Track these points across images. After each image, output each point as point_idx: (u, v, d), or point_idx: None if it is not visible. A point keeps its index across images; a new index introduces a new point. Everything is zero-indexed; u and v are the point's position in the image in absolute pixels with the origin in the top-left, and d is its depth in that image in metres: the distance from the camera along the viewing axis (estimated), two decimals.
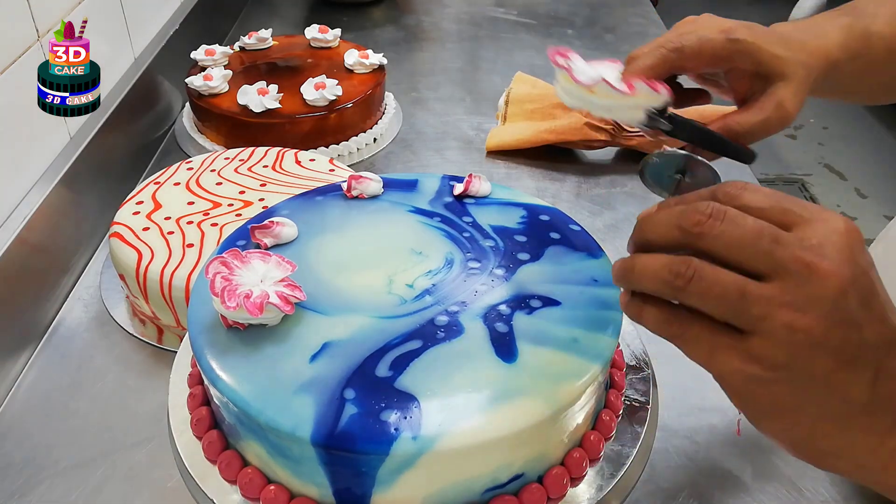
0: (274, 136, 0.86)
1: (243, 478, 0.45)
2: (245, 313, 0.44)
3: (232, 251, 0.47)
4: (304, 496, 0.44)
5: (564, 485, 0.46)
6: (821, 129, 2.73)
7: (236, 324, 0.46)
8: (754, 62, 0.47)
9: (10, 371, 0.63)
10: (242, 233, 0.55)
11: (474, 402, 0.42)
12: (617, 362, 0.54)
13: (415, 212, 0.57)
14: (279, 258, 0.48)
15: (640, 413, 0.52)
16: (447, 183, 0.60)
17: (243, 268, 0.47)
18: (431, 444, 0.40)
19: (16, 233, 0.64)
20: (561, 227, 0.56)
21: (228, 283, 0.45)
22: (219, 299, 0.45)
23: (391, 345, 0.45)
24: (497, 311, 0.48)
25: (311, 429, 0.40)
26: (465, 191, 0.58)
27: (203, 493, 0.46)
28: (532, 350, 0.45)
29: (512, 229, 0.55)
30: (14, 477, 0.56)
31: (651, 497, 0.54)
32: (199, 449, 0.48)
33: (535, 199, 0.59)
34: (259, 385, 0.43)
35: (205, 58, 0.94)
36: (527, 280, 0.50)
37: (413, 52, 1.22)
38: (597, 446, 0.48)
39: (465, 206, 0.58)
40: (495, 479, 0.43)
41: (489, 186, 0.59)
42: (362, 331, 0.46)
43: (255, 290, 0.45)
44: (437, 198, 0.59)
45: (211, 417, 0.49)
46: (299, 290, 0.47)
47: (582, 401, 0.44)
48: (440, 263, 0.52)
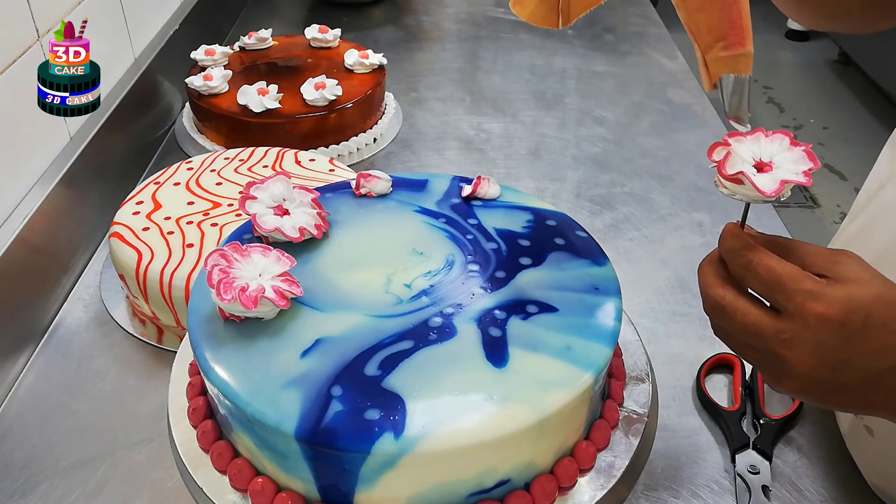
0: (274, 136, 0.86)
1: (233, 468, 0.46)
2: (240, 306, 0.45)
3: (233, 244, 0.48)
4: (290, 490, 0.44)
5: (552, 493, 0.45)
6: (821, 129, 2.73)
7: (233, 316, 0.47)
8: None
9: (10, 371, 0.63)
10: (248, 226, 0.55)
11: (460, 405, 0.42)
12: (616, 373, 0.54)
13: (421, 212, 0.57)
14: (280, 253, 0.48)
15: (636, 424, 0.51)
16: (457, 184, 0.60)
17: (243, 261, 0.47)
18: (413, 445, 0.40)
19: (16, 233, 0.64)
20: (566, 233, 0.55)
21: (226, 275, 0.45)
22: (214, 291, 0.45)
23: (382, 344, 0.45)
24: (492, 315, 0.48)
25: (296, 424, 0.41)
26: (472, 192, 0.58)
27: (203, 493, 0.46)
28: (524, 356, 0.45)
29: (516, 233, 0.55)
30: (14, 477, 0.56)
31: (651, 497, 0.54)
32: (194, 439, 0.48)
33: (544, 202, 0.59)
34: (249, 378, 0.43)
35: (205, 58, 0.94)
36: (526, 285, 0.50)
37: (413, 52, 1.22)
38: (589, 456, 0.48)
39: (472, 208, 0.57)
40: (480, 483, 0.43)
41: (498, 189, 0.59)
42: (355, 329, 0.46)
43: (251, 284, 0.45)
44: (445, 199, 0.58)
45: (207, 408, 0.49)
46: (296, 286, 0.47)
47: (572, 409, 0.44)
48: (440, 265, 0.52)
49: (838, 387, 0.41)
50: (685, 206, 0.86)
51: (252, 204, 0.53)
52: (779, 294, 0.41)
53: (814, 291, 0.40)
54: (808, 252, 0.43)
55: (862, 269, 0.41)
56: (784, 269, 0.41)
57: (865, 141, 2.55)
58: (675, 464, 0.57)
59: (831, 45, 3.19)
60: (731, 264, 0.43)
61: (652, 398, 0.54)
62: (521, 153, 0.95)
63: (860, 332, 0.39)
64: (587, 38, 1.27)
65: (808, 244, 0.44)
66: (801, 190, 2.46)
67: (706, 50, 0.45)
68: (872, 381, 0.40)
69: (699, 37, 0.46)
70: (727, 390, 0.63)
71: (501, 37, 1.27)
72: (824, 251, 0.43)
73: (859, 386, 0.41)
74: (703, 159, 0.91)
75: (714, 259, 0.45)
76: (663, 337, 0.68)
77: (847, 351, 0.40)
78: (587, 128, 1.01)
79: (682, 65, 1.19)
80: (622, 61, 1.20)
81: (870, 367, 0.40)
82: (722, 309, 0.43)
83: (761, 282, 0.41)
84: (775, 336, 0.41)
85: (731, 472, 0.56)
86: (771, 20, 3.35)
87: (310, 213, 0.53)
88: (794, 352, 0.40)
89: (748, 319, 0.42)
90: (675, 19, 0.52)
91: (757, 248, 0.42)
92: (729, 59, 0.45)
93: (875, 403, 0.42)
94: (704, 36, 0.45)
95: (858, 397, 0.42)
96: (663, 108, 1.06)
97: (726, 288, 0.43)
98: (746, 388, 0.62)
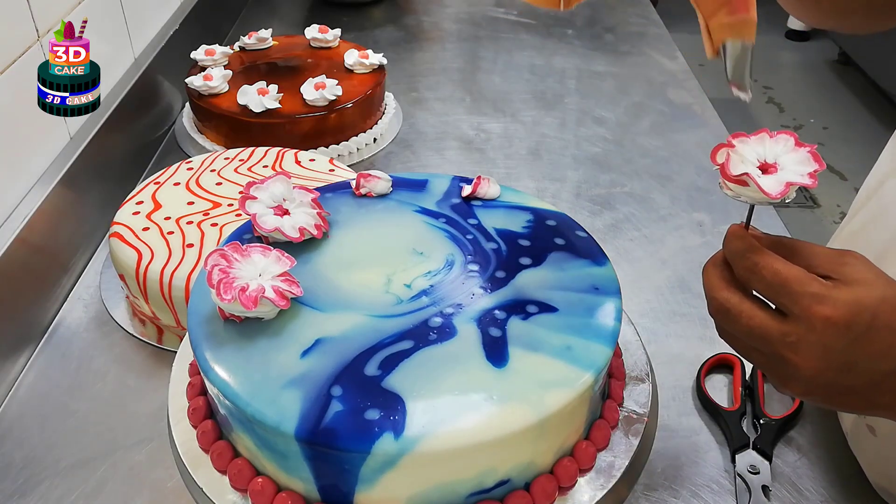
0: (274, 136, 0.86)
1: (233, 468, 0.46)
2: (239, 306, 0.45)
3: (233, 244, 0.48)
4: (290, 490, 0.44)
5: (552, 493, 0.45)
6: (821, 129, 2.73)
7: (233, 316, 0.47)
8: None
9: (10, 371, 0.63)
10: (248, 226, 0.55)
11: (460, 405, 0.42)
12: (616, 373, 0.54)
13: (421, 212, 0.57)
14: (280, 252, 0.48)
15: (636, 424, 0.51)
16: (457, 184, 0.60)
17: (243, 261, 0.47)
18: (413, 444, 0.40)
19: (16, 233, 0.64)
20: (566, 233, 0.55)
21: (226, 275, 0.45)
22: (214, 291, 0.45)
23: (382, 344, 0.45)
24: (492, 315, 0.47)
25: (296, 424, 0.41)
26: (472, 192, 0.58)
27: (203, 493, 0.46)
28: (524, 356, 0.45)
29: (516, 233, 0.55)
30: (14, 477, 0.56)
31: (651, 497, 0.54)
32: (194, 439, 0.48)
33: (544, 203, 0.59)
34: (249, 378, 0.43)
35: (205, 58, 0.94)
36: (526, 285, 0.50)
37: (413, 52, 1.22)
38: (589, 456, 0.48)
39: (472, 208, 0.57)
40: (480, 483, 0.43)
41: (498, 189, 0.59)
42: (355, 329, 0.46)
43: (251, 284, 0.45)
44: (445, 199, 0.58)
45: (207, 407, 0.49)
46: (296, 286, 0.47)
47: (572, 409, 0.44)
48: (440, 265, 0.52)
49: (844, 389, 0.41)
50: (685, 206, 0.86)
51: (252, 204, 0.53)
52: (784, 297, 0.40)
53: (819, 294, 0.39)
54: (813, 253, 0.43)
55: (867, 270, 0.41)
56: (790, 271, 0.41)
57: (865, 141, 2.54)
58: (675, 464, 0.57)
59: (831, 45, 3.19)
60: (736, 267, 0.43)
61: (652, 398, 0.54)
62: (521, 153, 0.95)
63: (865, 335, 0.39)
64: (587, 38, 1.27)
65: (814, 245, 0.44)
66: (802, 190, 2.45)
67: (710, 16, 0.44)
68: (878, 384, 0.40)
69: (702, 3, 0.45)
70: (727, 390, 0.63)
71: (501, 37, 1.27)
72: (830, 252, 0.43)
73: (865, 388, 0.41)
74: (703, 159, 0.92)
75: (719, 261, 0.45)
76: (663, 337, 0.68)
77: (853, 354, 0.39)
78: (587, 128, 1.01)
79: (682, 65, 1.19)
80: (622, 61, 1.20)
81: (875, 369, 0.40)
82: (727, 312, 0.43)
83: (766, 284, 0.41)
84: (781, 339, 0.40)
85: (730, 472, 0.56)
86: (771, 20, 3.36)
87: (310, 213, 0.53)
88: (800, 355, 0.40)
89: (753, 322, 0.41)
90: (676, 19, 0.52)
91: (762, 251, 0.42)
92: (733, 24, 0.44)
93: (880, 405, 0.42)
94: (708, 2, 0.44)
95: (864, 399, 0.42)
96: (663, 108, 1.06)
97: (731, 290, 0.43)
98: (746, 388, 0.62)
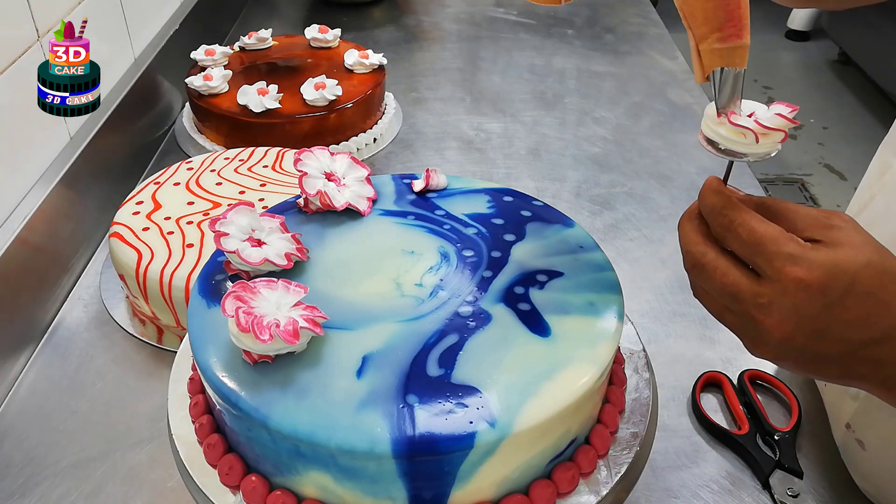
0: (274, 136, 0.86)
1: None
2: (281, 342, 0.41)
3: (240, 283, 0.45)
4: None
5: (607, 439, 0.47)
6: (821, 129, 2.73)
7: (263, 357, 0.43)
8: None
9: (10, 371, 0.63)
10: (290, 204, 0.55)
11: (531, 379, 0.42)
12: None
13: (386, 214, 0.56)
14: (286, 282, 0.45)
15: (636, 425, 0.52)
16: (401, 182, 0.59)
17: (256, 298, 0.44)
18: (509, 428, 0.40)
19: (16, 233, 0.64)
20: (527, 205, 0.56)
21: (252, 316, 0.42)
22: (251, 335, 0.41)
23: (430, 344, 0.44)
24: (512, 291, 0.48)
25: (390, 442, 0.39)
26: (426, 186, 0.58)
27: (203, 493, 0.46)
28: (560, 320, 0.46)
29: (487, 214, 0.55)
30: (14, 477, 0.56)
31: (651, 497, 0.54)
32: (194, 439, 0.48)
33: (489, 182, 0.59)
34: (316, 412, 0.41)
35: (205, 58, 0.94)
36: (523, 258, 0.51)
37: (413, 52, 1.22)
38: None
39: (431, 200, 0.57)
40: (557, 447, 0.44)
41: (445, 178, 0.59)
42: (395, 337, 0.45)
43: (280, 319, 0.42)
44: (400, 197, 0.58)
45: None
46: (317, 310, 0.44)
47: (612, 358, 0.46)
48: (437, 258, 0.51)
49: (816, 356, 0.39)
50: (685, 205, 0.84)
51: (228, 241, 0.48)
52: (758, 256, 0.39)
53: (794, 255, 0.38)
54: (799, 215, 0.41)
55: (856, 233, 0.39)
56: (766, 230, 0.39)
57: (865, 141, 2.53)
58: (675, 464, 0.57)
59: (831, 45, 3.19)
60: (712, 223, 0.42)
61: (652, 398, 0.54)
62: (521, 153, 0.95)
63: (841, 301, 0.37)
64: (587, 38, 1.27)
65: (801, 206, 0.42)
66: (801, 190, 2.46)
67: (700, 39, 0.42)
68: (852, 353, 0.39)
69: (693, 24, 0.42)
70: (721, 410, 0.62)
71: (501, 37, 1.27)
72: (817, 213, 0.41)
73: (839, 356, 0.39)
74: (704, 159, 0.92)
75: (694, 214, 0.43)
76: (663, 337, 0.68)
77: (826, 319, 0.38)
78: (587, 128, 1.01)
79: (682, 65, 1.19)
80: (622, 61, 1.20)
81: (850, 337, 0.38)
82: (702, 267, 0.41)
83: (742, 243, 0.40)
84: (753, 300, 0.39)
85: (733, 474, 0.56)
86: (771, 20, 3.36)
87: (285, 238, 0.50)
88: (772, 318, 0.38)
89: (727, 280, 0.40)
90: (676, 19, 0.52)
91: (739, 207, 0.40)
92: (724, 51, 0.42)
93: (855, 375, 0.40)
94: (700, 25, 0.42)
95: (838, 367, 0.40)
96: (663, 108, 1.06)
97: (708, 245, 0.41)
98: (746, 405, 0.61)
